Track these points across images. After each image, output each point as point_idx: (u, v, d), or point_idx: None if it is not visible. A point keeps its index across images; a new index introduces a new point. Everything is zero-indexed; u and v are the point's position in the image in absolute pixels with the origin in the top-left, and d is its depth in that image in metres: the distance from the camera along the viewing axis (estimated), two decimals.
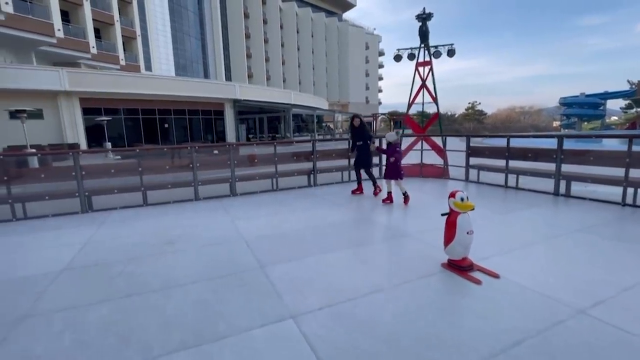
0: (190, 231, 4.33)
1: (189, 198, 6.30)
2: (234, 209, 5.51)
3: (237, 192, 6.63)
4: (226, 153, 6.51)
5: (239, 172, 6.66)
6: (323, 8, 63.33)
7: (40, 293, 2.76)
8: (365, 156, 6.21)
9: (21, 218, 5.20)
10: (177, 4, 37.13)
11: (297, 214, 5.14)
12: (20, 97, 16.92)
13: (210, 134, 24.72)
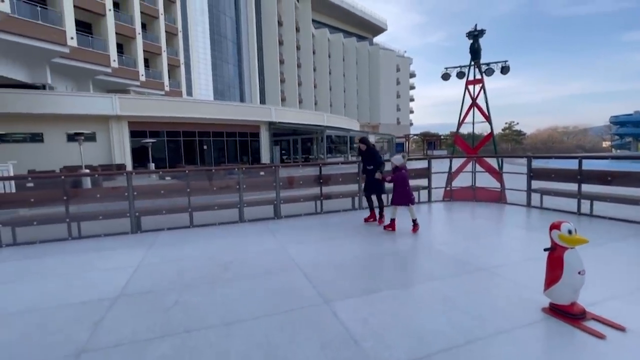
0: (242, 257, 4.12)
1: (234, 220, 6.18)
2: (282, 233, 5.28)
3: (282, 215, 6.43)
4: (272, 174, 6.39)
5: (283, 194, 6.49)
6: (354, 33, 65.02)
7: (97, 323, 2.60)
8: (375, 181, 5.63)
9: (76, 237, 5.29)
10: (217, 34, 39.59)
11: (349, 240, 4.80)
12: (78, 121, 18.31)
13: (246, 155, 25.31)
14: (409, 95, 74.79)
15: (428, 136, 52.10)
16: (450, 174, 7.67)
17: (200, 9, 36.62)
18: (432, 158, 7.62)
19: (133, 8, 24.79)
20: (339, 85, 59.99)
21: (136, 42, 25.04)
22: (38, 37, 15.93)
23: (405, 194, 5.03)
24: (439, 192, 7.93)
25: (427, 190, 7.58)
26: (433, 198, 7.64)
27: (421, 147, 54.53)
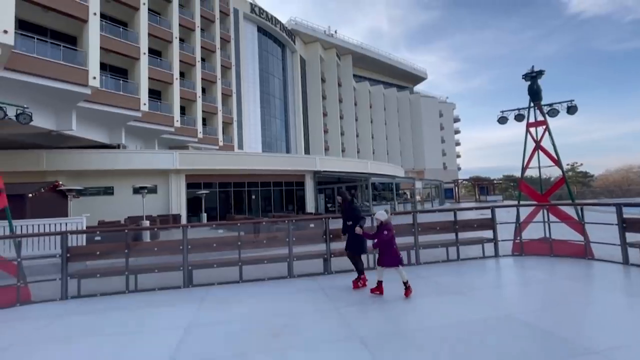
0: (294, 322, 3.78)
1: (283, 275, 5.93)
2: (335, 293, 4.88)
3: (332, 270, 6.05)
4: (321, 226, 6.18)
5: (333, 247, 6.18)
6: (394, 84, 67.22)
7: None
8: (354, 238, 5.09)
9: (133, 290, 5.37)
10: (266, 93, 43.21)
11: (416, 303, 4.25)
12: (143, 175, 20.23)
13: (292, 204, 25.70)
14: (454, 139, 73.23)
15: (479, 180, 49.35)
16: (519, 225, 6.86)
17: (252, 72, 40.65)
18: (495, 207, 6.92)
19: (195, 76, 28.20)
20: (381, 133, 60.89)
21: (196, 104, 28.03)
22: (119, 105, 18.50)
23: (393, 254, 4.54)
24: (505, 245, 7.08)
25: (493, 244, 6.79)
26: (500, 252, 6.80)
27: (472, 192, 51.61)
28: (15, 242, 5.10)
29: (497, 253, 6.73)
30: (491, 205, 6.94)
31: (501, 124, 7.48)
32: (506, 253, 6.91)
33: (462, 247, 6.75)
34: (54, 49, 15.18)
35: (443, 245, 6.67)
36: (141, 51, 20.30)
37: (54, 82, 14.16)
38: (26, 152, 18.10)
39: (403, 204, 28.86)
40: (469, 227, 6.89)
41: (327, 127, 52.23)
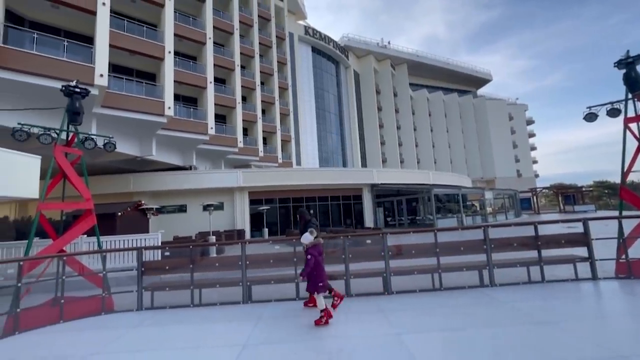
0: (349, 346, 3.51)
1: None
2: (395, 316, 4.48)
3: (393, 290, 5.62)
4: (379, 242, 5.82)
5: (393, 264, 5.76)
6: (455, 89, 63.73)
7: None
8: None
9: (197, 304, 5.60)
10: (321, 110, 44.21)
11: (488, 332, 3.67)
12: (211, 194, 21.87)
13: (349, 218, 25.38)
14: (528, 144, 66.09)
15: (563, 188, 43.40)
16: (623, 240, 5.67)
17: (307, 91, 42.09)
18: (588, 219, 5.84)
19: (255, 99, 30.07)
20: (443, 141, 57.76)
21: (257, 125, 29.74)
22: (190, 131, 20.45)
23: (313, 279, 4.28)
24: (605, 265, 5.89)
25: (589, 263, 5.69)
26: (599, 274, 5.66)
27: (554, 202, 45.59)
28: (101, 256, 5.72)
29: (595, 275, 5.62)
30: (583, 218, 5.87)
31: (589, 121, 6.38)
32: (608, 275, 5.74)
33: (547, 267, 5.79)
34: (137, 85, 17.48)
35: (523, 264, 5.79)
36: (208, 80, 22.32)
37: (138, 114, 16.22)
38: (119, 176, 20.87)
39: (472, 216, 26.54)
40: (554, 244, 5.90)
41: (383, 139, 51.31)
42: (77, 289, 5.63)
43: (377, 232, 6.01)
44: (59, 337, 4.48)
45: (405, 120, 53.65)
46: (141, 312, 5.51)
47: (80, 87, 5.75)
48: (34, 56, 12.32)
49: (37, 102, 11.86)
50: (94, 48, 14.30)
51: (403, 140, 53.11)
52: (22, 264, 4.83)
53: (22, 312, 4.75)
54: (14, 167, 7.77)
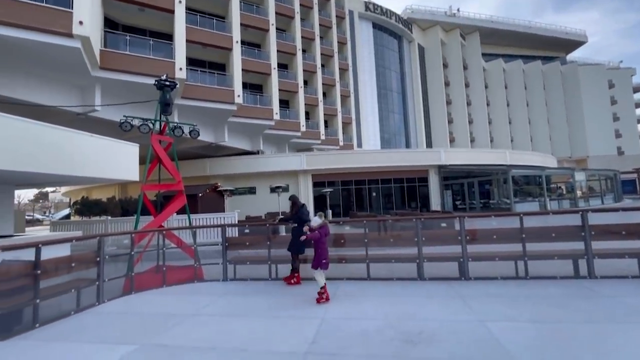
0: (430, 328, 3.46)
1: (412, 276, 5.59)
2: (476, 302, 4.26)
3: (470, 276, 5.34)
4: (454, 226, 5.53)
5: (471, 249, 5.44)
6: (538, 56, 55.91)
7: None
8: (295, 239, 5.48)
9: (274, 278, 6.03)
10: (383, 89, 42.65)
11: (589, 329, 3.29)
12: (277, 177, 22.96)
13: (414, 201, 24.54)
14: (635, 115, 55.54)
15: None
16: None
17: (368, 70, 40.85)
18: None
19: (317, 82, 30.20)
20: (521, 117, 51.61)
21: (318, 109, 30.00)
22: (257, 117, 21.51)
23: (317, 256, 4.73)
24: None
25: None
26: None
27: None
28: (192, 232, 6.45)
29: None
30: None
31: None
32: None
33: None
34: (210, 76, 18.81)
35: (632, 254, 5.00)
36: (272, 66, 23.01)
37: (212, 103, 17.53)
38: (196, 161, 23.04)
39: (557, 200, 23.61)
40: None
41: (451, 117, 47.80)
42: (174, 259, 6.45)
43: (454, 215, 5.70)
44: (164, 298, 5.23)
45: (476, 95, 49.06)
46: (226, 282, 6.12)
47: (169, 80, 6.41)
48: (127, 56, 13.97)
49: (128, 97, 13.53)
50: (173, 44, 15.69)
51: (474, 117, 48.85)
52: (134, 236, 5.69)
53: (136, 275, 5.63)
54: (119, 154, 9.08)
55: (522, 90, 52.13)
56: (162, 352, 3.21)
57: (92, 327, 4.05)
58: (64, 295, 4.61)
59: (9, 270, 4.07)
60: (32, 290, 4.13)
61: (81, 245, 6.12)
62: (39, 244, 4.23)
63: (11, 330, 3.96)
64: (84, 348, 3.43)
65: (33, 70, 11.62)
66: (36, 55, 10.99)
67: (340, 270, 5.99)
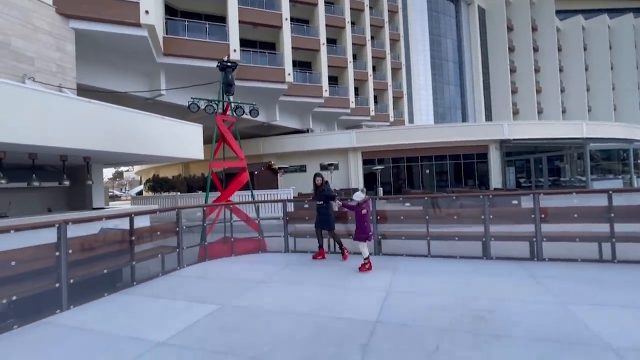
0: (504, 308, 3.33)
1: (476, 255, 5.38)
2: (553, 284, 3.98)
3: (544, 257, 4.98)
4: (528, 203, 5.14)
5: (546, 229, 5.04)
6: (629, 8, 47.50)
7: (365, 347, 2.66)
8: (325, 217, 5.76)
9: (333, 252, 6.21)
10: (437, 59, 39.84)
11: None
12: (327, 155, 23.10)
13: (472, 179, 23.16)
14: None
15: None
16: None
17: (421, 39, 38.29)
18: None
19: (367, 55, 29.15)
20: (603, 83, 44.97)
21: (368, 84, 29.11)
22: (306, 95, 21.57)
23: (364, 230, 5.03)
24: None
25: None
26: None
27: None
28: (255, 206, 6.84)
29: None
30: None
31: None
32: None
33: None
34: (261, 56, 19.12)
35: None
36: (321, 42, 22.66)
37: (264, 83, 17.92)
38: (250, 141, 24.03)
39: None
40: None
41: (515, 86, 43.35)
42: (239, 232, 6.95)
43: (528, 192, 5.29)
44: (235, 266, 5.70)
45: (546, 60, 43.65)
46: (288, 254, 6.46)
47: (231, 62, 6.66)
48: (187, 41, 14.71)
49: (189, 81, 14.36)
50: (227, 26, 16.11)
51: (543, 85, 43.78)
52: (206, 210, 6.21)
53: (209, 245, 6.19)
54: (186, 135, 9.81)
55: (605, 51, 45.15)
56: (242, 313, 3.54)
57: (178, 288, 4.58)
58: (153, 260, 5.24)
59: (108, 236, 4.72)
60: (129, 254, 4.76)
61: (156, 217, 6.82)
62: (132, 214, 4.83)
63: (115, 287, 4.65)
64: (177, 304, 3.91)
65: (109, 60, 12.83)
66: (111, 46, 12.08)
67: (399, 247, 5.96)
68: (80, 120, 6.67)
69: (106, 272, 4.40)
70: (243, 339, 2.93)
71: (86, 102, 6.92)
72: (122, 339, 3.04)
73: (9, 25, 8.61)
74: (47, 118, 6.07)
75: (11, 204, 8.57)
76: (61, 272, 3.81)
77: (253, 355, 2.62)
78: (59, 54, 10.13)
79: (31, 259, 3.63)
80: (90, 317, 3.60)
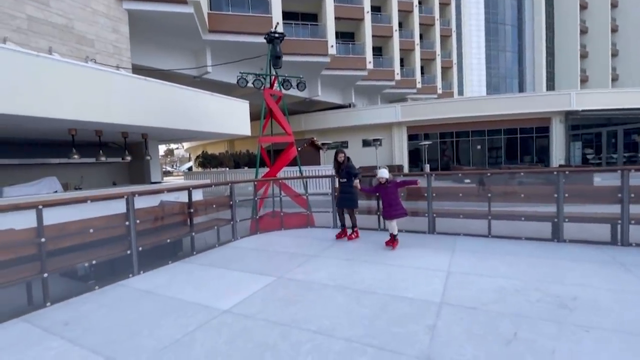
0: (587, 295, 2.98)
1: (545, 237, 4.90)
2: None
3: (631, 241, 4.39)
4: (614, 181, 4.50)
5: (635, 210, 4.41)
6: None
7: (432, 328, 2.52)
8: (348, 195, 5.39)
9: (382, 229, 6.03)
10: (493, 23, 36.13)
11: None
12: (369, 130, 22.46)
13: (529, 154, 21.28)
14: None
15: None
16: None
17: (475, 2, 34.81)
18: None
19: (413, 22, 27.20)
20: None
21: (414, 53, 27.35)
22: (349, 68, 20.82)
23: (390, 207, 4.82)
24: None
25: None
26: None
27: None
28: (303, 182, 6.82)
29: None
30: None
31: None
32: None
33: None
34: (303, 28, 18.60)
35: None
36: (365, 10, 21.46)
37: (306, 57, 17.53)
38: (291, 117, 24.02)
39: None
40: None
41: (585, 50, 38.26)
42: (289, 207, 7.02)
43: (613, 168, 4.63)
44: (285, 239, 5.78)
45: (626, 16, 37.65)
46: (336, 229, 6.39)
47: (278, 33, 6.48)
48: (230, 16, 14.68)
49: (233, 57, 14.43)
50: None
51: (620, 47, 38.11)
52: (256, 184, 6.31)
53: (260, 218, 6.33)
54: (234, 111, 9.95)
55: None
56: (299, 286, 3.55)
57: (234, 259, 4.74)
58: (209, 231, 5.47)
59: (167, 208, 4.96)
60: (188, 225, 4.99)
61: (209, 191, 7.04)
62: (189, 187, 5.01)
63: (177, 255, 4.94)
64: (234, 274, 4.04)
65: (158, 40, 13.24)
66: (160, 25, 12.40)
67: (457, 225, 5.62)
68: (139, 97, 6.98)
69: (169, 242, 4.66)
70: (303, 311, 2.93)
71: (143, 80, 7.20)
72: (189, 304, 3.20)
73: (70, 8, 9.12)
74: (110, 96, 6.42)
75: (83, 178, 9.46)
76: (131, 240, 4.08)
77: (316, 329, 2.60)
78: (114, 35, 10.63)
79: (105, 226, 3.92)
80: (159, 282, 3.84)
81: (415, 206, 5.91)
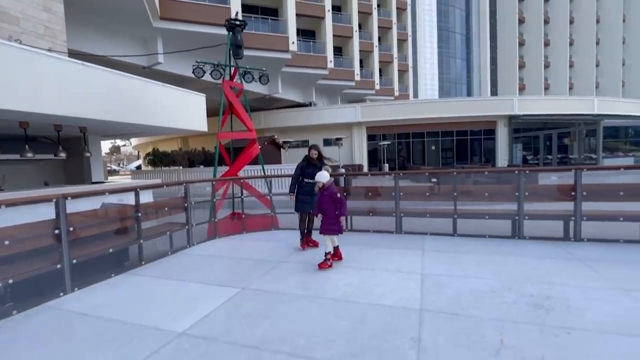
0: (558, 293, 3.00)
1: (505, 234, 5.05)
2: (602, 266, 3.65)
3: (582, 236, 4.65)
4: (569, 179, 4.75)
5: (586, 207, 4.68)
6: None
7: (416, 341, 2.33)
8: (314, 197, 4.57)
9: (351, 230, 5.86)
10: (445, 30, 38.22)
11: None
12: (330, 129, 22.43)
13: (477, 155, 22.74)
14: None
15: None
16: None
17: (429, 10, 36.54)
18: None
19: (372, 25, 27.75)
20: (613, 57, 43.58)
21: (373, 55, 27.92)
22: (310, 66, 20.58)
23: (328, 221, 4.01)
24: None
25: None
26: None
27: None
28: (267, 181, 6.41)
29: None
30: None
31: None
32: None
33: None
34: (263, 23, 17.99)
35: None
36: (326, 9, 21.36)
37: (266, 52, 16.95)
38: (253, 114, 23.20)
39: None
40: None
41: (523, 60, 42.02)
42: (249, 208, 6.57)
43: (569, 168, 4.88)
44: (247, 244, 5.36)
45: (557, 32, 42.04)
46: None
47: (239, 20, 5.99)
48: (185, 4, 13.65)
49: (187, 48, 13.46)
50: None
51: (551, 59, 42.44)
52: (215, 184, 5.78)
53: (218, 222, 5.81)
54: (189, 105, 9.19)
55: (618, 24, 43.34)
56: (267, 298, 3.19)
57: (190, 268, 4.23)
58: (161, 237, 4.87)
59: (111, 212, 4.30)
60: (136, 231, 4.37)
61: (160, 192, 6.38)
62: (137, 188, 4.39)
63: (122, 266, 4.30)
64: (190, 287, 3.56)
65: (101, 23, 11.88)
66: (102, 7, 11.11)
67: (420, 225, 5.61)
68: (75, 85, 6.06)
69: (111, 251, 4.02)
70: (273, 328, 2.59)
71: (80, 64, 6.28)
72: (136, 327, 2.70)
73: None
74: (38, 81, 5.47)
75: (5, 177, 8.09)
76: (62, 251, 3.42)
77: (290, 350, 2.28)
78: (46, 14, 9.24)
79: (27, 236, 3.23)
80: (98, 301, 3.25)
81: (381, 206, 5.82)
